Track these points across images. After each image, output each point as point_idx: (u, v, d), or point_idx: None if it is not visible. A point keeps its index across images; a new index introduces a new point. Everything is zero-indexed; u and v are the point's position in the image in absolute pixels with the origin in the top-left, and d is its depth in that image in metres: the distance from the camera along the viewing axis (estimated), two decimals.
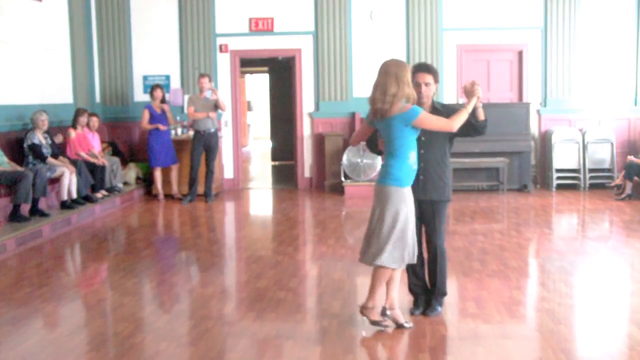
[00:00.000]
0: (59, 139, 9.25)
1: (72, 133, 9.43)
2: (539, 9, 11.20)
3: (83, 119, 9.63)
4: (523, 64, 11.33)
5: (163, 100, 10.34)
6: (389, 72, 4.33)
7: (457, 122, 4.39)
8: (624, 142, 11.16)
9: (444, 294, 4.89)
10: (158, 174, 10.32)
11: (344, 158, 10.65)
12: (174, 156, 10.39)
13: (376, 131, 4.65)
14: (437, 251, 4.76)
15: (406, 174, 4.39)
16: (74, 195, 8.81)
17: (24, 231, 7.44)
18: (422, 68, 4.66)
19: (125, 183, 10.61)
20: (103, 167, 9.63)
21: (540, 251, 7.20)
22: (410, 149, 4.39)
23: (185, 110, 10.58)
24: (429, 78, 4.60)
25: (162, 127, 10.14)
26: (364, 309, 4.57)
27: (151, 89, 10.29)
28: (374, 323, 4.55)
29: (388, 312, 4.57)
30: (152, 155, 10.22)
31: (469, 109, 4.42)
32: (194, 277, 6.33)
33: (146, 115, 10.14)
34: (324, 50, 11.27)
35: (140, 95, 11.49)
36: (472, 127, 4.54)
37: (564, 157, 10.95)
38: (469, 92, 4.44)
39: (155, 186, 10.42)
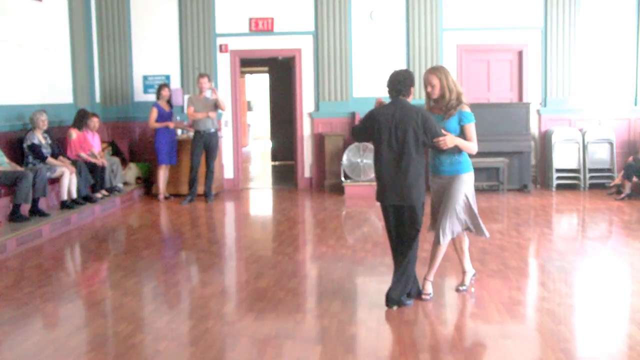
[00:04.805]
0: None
1: (74, 134, 9.43)
2: (539, 9, 11.19)
3: (89, 121, 9.67)
4: (523, 64, 11.33)
5: (169, 100, 10.36)
6: None
7: None
8: (624, 142, 11.16)
9: None
10: (162, 173, 10.30)
11: (344, 158, 10.65)
12: (174, 156, 10.38)
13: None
14: None
15: None
16: (74, 195, 8.81)
17: (24, 231, 7.43)
18: None
19: (125, 183, 10.61)
20: (103, 167, 9.62)
21: (540, 251, 7.20)
22: None
23: (185, 111, 10.58)
24: None
25: (170, 124, 10.13)
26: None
27: (159, 87, 10.26)
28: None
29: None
30: (160, 153, 10.20)
31: None
32: (194, 277, 6.33)
33: (154, 113, 10.12)
34: (324, 50, 11.26)
35: (140, 95, 11.49)
36: None
37: (564, 157, 10.95)
38: None
39: (156, 185, 10.41)
